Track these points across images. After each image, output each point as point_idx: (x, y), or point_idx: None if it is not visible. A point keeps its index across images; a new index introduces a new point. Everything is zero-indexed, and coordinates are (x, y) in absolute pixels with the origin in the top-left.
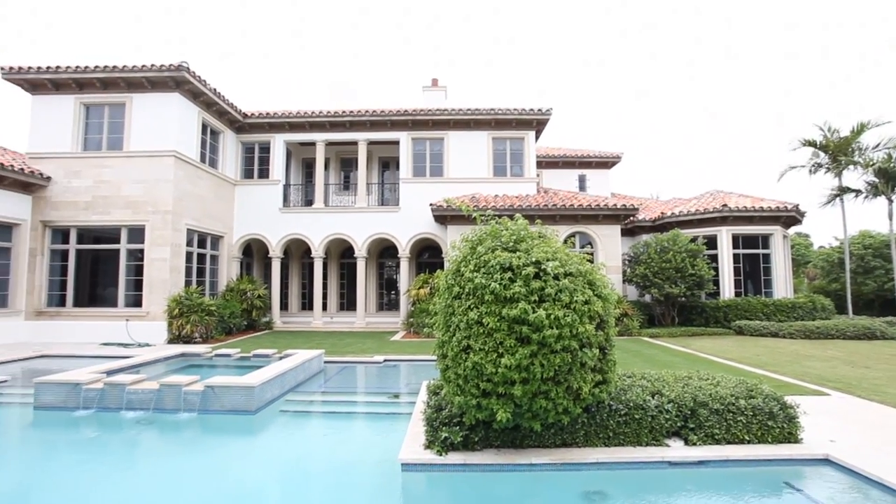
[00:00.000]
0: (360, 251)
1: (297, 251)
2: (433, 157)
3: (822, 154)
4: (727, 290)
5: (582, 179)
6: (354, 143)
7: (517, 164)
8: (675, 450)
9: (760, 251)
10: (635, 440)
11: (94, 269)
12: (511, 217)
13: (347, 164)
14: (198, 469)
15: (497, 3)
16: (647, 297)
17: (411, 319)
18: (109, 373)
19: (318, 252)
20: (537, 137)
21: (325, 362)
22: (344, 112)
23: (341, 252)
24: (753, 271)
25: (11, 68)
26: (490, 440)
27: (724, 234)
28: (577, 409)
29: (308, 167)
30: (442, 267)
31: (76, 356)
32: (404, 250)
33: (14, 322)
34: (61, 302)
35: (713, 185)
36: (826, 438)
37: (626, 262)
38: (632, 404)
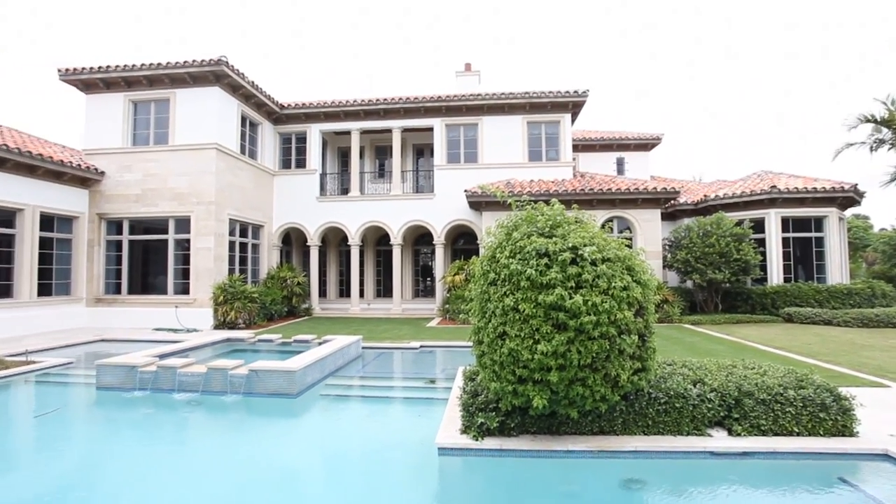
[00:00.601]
0: (396, 238)
1: (335, 239)
2: (467, 143)
3: (884, 129)
4: (775, 276)
5: (620, 162)
6: (389, 131)
7: (553, 148)
8: (718, 440)
9: (813, 234)
10: (675, 429)
11: (146, 259)
12: (547, 202)
13: (382, 152)
14: (244, 447)
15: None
16: (689, 283)
17: (447, 306)
18: (162, 356)
19: (354, 240)
20: (573, 120)
21: (363, 348)
22: (378, 100)
23: (377, 239)
24: (805, 256)
25: (67, 70)
26: (526, 426)
27: (773, 217)
28: (615, 397)
29: (344, 156)
30: (477, 253)
31: (131, 340)
32: (439, 237)
33: (76, 308)
34: (117, 289)
35: (760, 165)
36: (885, 432)
37: (667, 248)
38: (672, 392)
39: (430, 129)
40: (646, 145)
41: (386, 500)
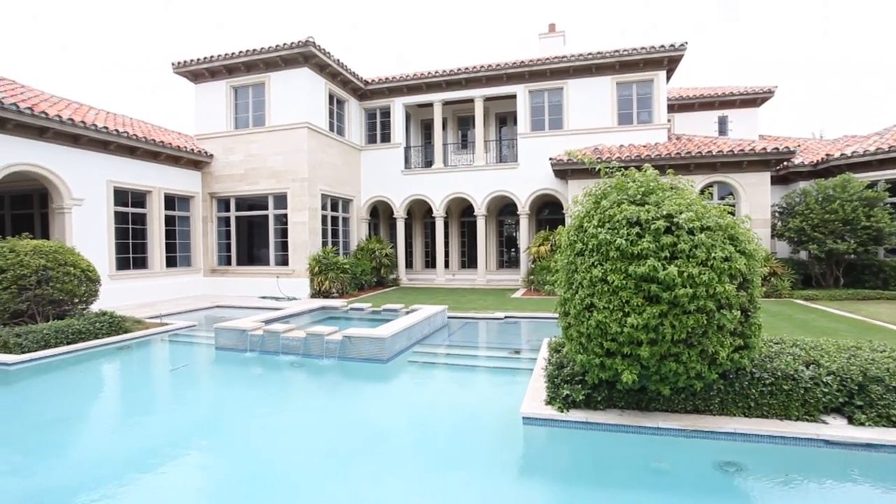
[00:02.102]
0: (480, 209)
1: (420, 211)
2: (552, 109)
3: None
4: None
5: (722, 122)
6: (471, 101)
7: (645, 109)
8: (835, 428)
9: None
10: (782, 413)
11: (251, 233)
12: (638, 168)
13: (465, 123)
14: (341, 406)
15: None
16: (803, 255)
17: (531, 277)
18: (267, 322)
19: (438, 211)
20: (668, 78)
21: (448, 317)
22: (459, 69)
23: (461, 211)
24: None
25: (179, 63)
26: (614, 400)
27: None
28: (712, 375)
29: (427, 128)
30: (563, 223)
31: (241, 307)
32: (524, 207)
33: (196, 278)
34: (228, 261)
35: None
36: None
37: (777, 215)
38: (779, 373)
39: (513, 97)
40: (754, 100)
41: (472, 463)
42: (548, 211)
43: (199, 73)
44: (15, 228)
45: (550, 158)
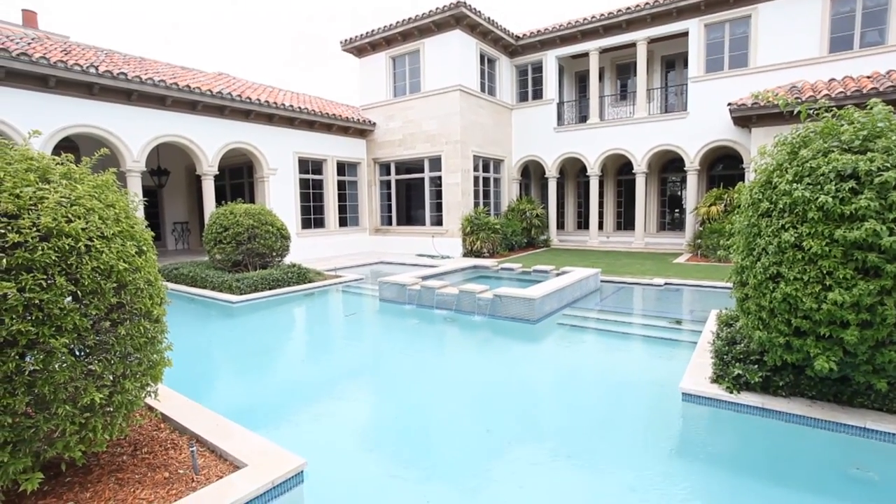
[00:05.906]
0: (640, 166)
1: (573, 170)
2: (734, 44)
3: None
4: None
5: None
6: (632, 46)
7: (875, 26)
8: None
9: None
10: None
11: (408, 195)
12: (859, 106)
13: (624, 71)
14: (490, 360)
15: None
16: None
17: (699, 241)
18: (424, 278)
19: (593, 169)
20: None
21: (602, 281)
22: (619, 11)
23: (618, 168)
24: None
25: (346, 40)
26: (801, 388)
27: None
28: None
29: (581, 80)
30: (741, 179)
31: (401, 263)
32: (692, 162)
33: (362, 236)
34: (389, 221)
35: None
36: None
37: None
38: None
39: (684, 35)
40: None
41: (623, 432)
42: (722, 166)
43: (362, 47)
44: (232, 195)
45: (730, 104)
